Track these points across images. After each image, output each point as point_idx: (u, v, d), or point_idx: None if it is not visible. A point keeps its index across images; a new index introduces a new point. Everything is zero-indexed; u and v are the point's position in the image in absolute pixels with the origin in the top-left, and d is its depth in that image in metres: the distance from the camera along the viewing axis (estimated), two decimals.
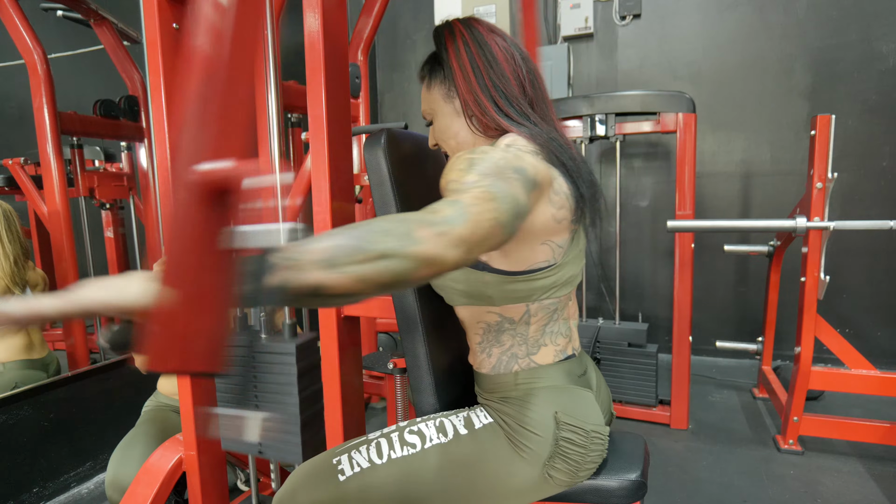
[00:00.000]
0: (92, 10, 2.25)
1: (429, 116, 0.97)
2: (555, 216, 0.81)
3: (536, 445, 0.83)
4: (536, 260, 0.83)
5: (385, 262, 0.54)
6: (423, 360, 0.96)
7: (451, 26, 0.92)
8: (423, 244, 0.56)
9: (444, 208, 0.61)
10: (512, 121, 0.87)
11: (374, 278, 0.54)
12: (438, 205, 0.62)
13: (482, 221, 0.60)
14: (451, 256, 0.58)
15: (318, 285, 0.53)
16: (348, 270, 0.53)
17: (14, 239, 1.81)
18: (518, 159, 0.73)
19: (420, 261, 0.56)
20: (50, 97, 2.02)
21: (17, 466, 1.82)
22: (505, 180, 0.67)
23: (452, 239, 0.58)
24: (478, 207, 0.61)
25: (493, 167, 0.69)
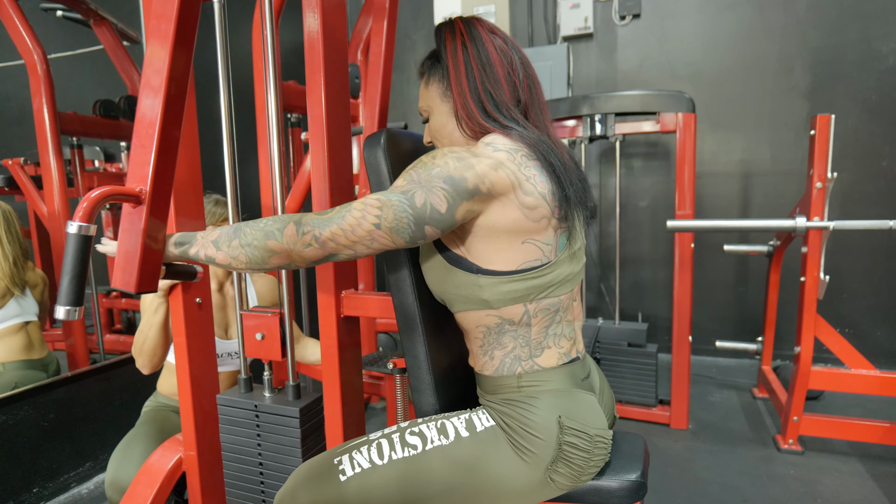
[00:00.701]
0: (91, 10, 2.25)
1: (425, 113, 0.97)
2: (527, 216, 0.82)
3: (539, 449, 0.83)
4: (526, 259, 0.84)
5: (245, 249, 0.83)
6: (423, 360, 0.96)
7: (453, 25, 0.93)
8: (281, 240, 0.81)
9: (335, 209, 0.82)
10: (499, 125, 0.88)
11: (239, 258, 0.84)
12: (339, 206, 0.83)
13: (358, 227, 0.79)
14: (304, 252, 0.81)
15: (208, 256, 0.87)
16: (223, 249, 0.85)
17: (13, 239, 1.81)
18: (463, 169, 0.80)
19: (269, 251, 0.82)
20: (50, 97, 2.02)
21: (16, 467, 1.82)
22: (428, 189, 0.79)
23: (309, 238, 0.80)
24: (358, 213, 0.79)
25: (425, 176, 0.80)
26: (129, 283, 0.88)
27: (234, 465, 1.20)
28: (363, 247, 0.81)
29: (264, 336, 1.15)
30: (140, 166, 0.91)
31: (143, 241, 0.89)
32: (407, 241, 0.81)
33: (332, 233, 0.79)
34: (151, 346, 1.37)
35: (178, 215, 1.14)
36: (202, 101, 1.26)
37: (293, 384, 1.16)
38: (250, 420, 1.16)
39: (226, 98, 1.11)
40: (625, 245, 3.38)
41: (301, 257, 0.82)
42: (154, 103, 0.91)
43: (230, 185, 1.13)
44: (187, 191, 1.16)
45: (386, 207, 0.79)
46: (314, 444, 1.17)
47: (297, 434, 1.11)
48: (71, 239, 0.84)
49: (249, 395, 1.18)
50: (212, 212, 1.53)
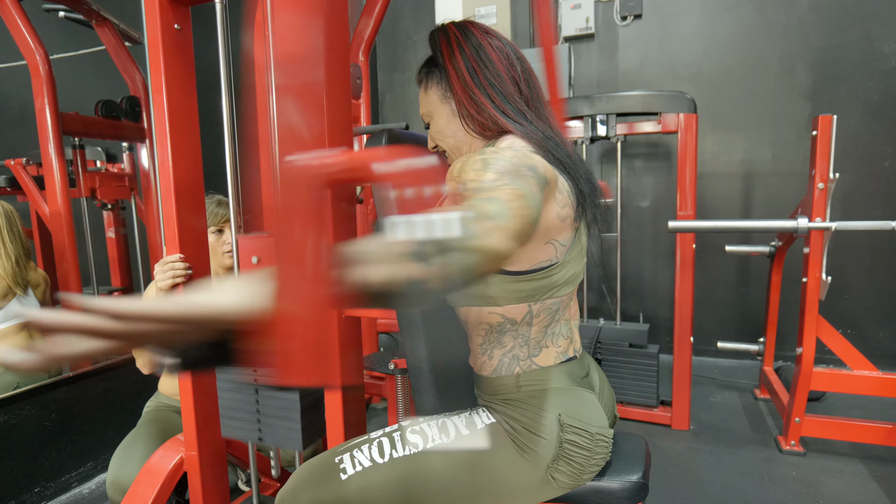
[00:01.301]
0: (93, 10, 2.25)
1: (427, 119, 0.98)
2: (559, 214, 0.81)
3: (540, 448, 0.82)
4: (539, 259, 0.83)
5: (456, 255, 0.51)
6: (423, 360, 0.96)
7: (446, 30, 0.93)
8: (485, 237, 0.54)
9: (483, 205, 0.59)
10: (508, 117, 0.87)
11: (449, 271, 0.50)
12: (475, 202, 0.61)
13: (521, 217, 0.61)
14: (508, 249, 0.57)
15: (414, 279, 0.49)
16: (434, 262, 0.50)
17: (15, 239, 1.81)
18: (528, 157, 0.74)
19: (484, 253, 0.54)
20: (52, 98, 2.02)
21: (18, 466, 1.82)
22: (523, 178, 0.68)
23: (508, 232, 0.57)
24: (514, 203, 0.61)
25: (508, 166, 0.69)
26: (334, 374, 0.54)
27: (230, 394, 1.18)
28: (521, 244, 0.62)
29: (259, 259, 1.12)
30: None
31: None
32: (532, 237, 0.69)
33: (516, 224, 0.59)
34: None
35: (180, 216, 1.14)
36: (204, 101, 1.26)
37: None
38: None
39: (227, 98, 1.11)
40: (626, 246, 3.37)
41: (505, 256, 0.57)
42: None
43: (231, 185, 1.13)
44: (189, 190, 1.16)
45: (524, 197, 0.64)
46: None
47: None
48: None
49: None
50: (214, 213, 1.53)
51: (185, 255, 1.19)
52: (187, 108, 1.17)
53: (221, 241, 1.58)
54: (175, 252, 1.18)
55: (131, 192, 2.63)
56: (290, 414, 1.11)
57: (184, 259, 1.18)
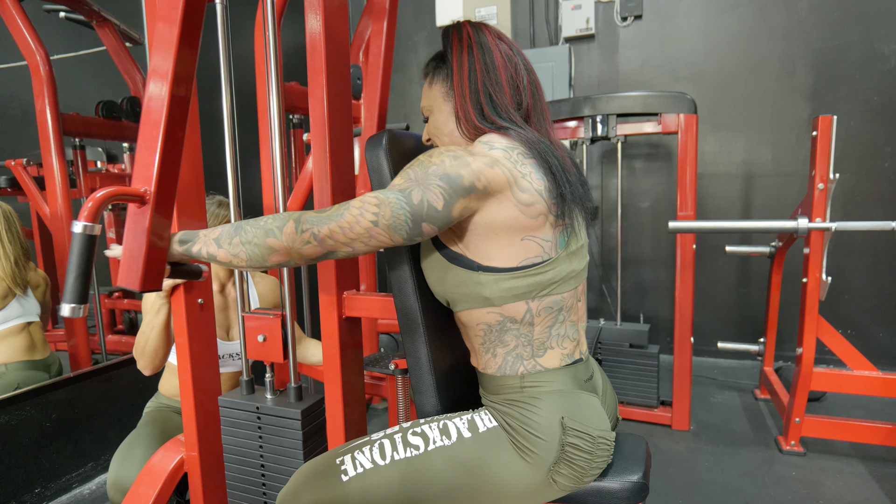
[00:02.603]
0: (94, 11, 2.25)
1: (426, 112, 0.98)
2: (524, 212, 0.83)
3: (542, 450, 0.83)
4: (526, 255, 0.84)
5: (246, 247, 0.84)
6: (424, 360, 0.96)
7: (461, 28, 0.94)
8: (280, 238, 0.82)
9: (332, 208, 0.83)
10: (495, 126, 0.89)
11: (239, 255, 0.85)
12: (337, 204, 0.85)
13: (356, 224, 0.80)
14: (303, 250, 0.82)
15: (210, 253, 0.88)
16: (224, 247, 0.86)
17: (14, 239, 1.81)
18: (459, 167, 0.81)
19: (269, 249, 0.83)
20: (52, 98, 2.02)
21: (19, 467, 1.82)
22: (424, 187, 0.80)
23: (307, 236, 0.81)
24: (356, 211, 0.80)
25: (422, 174, 0.81)
26: (134, 281, 0.89)
27: (236, 466, 1.20)
28: (361, 244, 0.82)
29: (266, 338, 1.15)
30: (145, 167, 0.92)
31: (147, 239, 0.89)
32: (405, 238, 0.82)
33: (330, 230, 0.80)
34: (153, 347, 1.37)
35: (181, 216, 1.14)
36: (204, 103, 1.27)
37: (295, 386, 1.16)
38: (252, 422, 1.16)
39: (228, 99, 1.11)
40: (626, 246, 3.37)
41: (300, 255, 0.83)
42: (159, 104, 0.92)
43: (232, 186, 1.13)
44: (190, 192, 1.16)
45: (383, 205, 0.80)
46: (316, 445, 1.17)
47: (299, 436, 1.11)
48: (76, 238, 0.85)
49: (251, 397, 1.18)
50: (215, 213, 1.53)
51: None
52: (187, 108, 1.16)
53: None
54: None
55: None
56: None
57: None
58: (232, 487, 1.22)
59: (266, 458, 1.16)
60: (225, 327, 1.58)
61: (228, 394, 1.21)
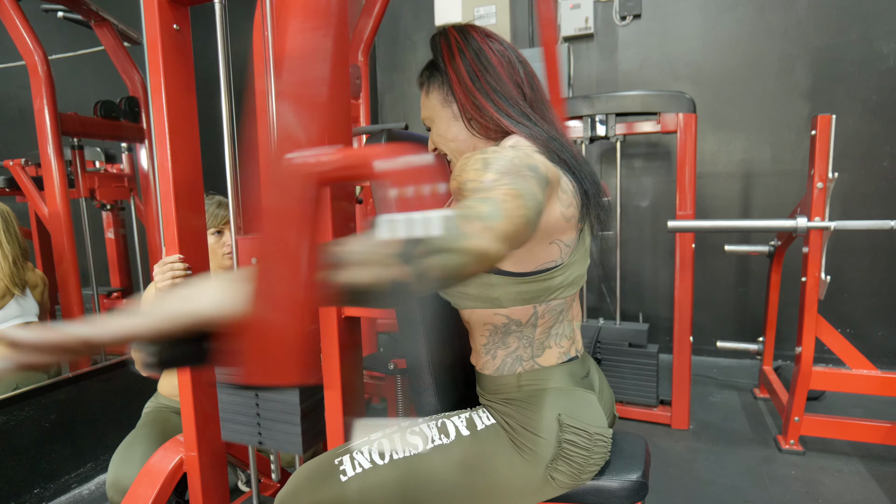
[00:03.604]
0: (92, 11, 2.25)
1: (428, 123, 0.97)
2: (563, 214, 0.81)
3: (539, 447, 0.83)
4: (544, 260, 0.83)
5: (441, 257, 0.52)
6: (423, 360, 0.96)
7: (447, 34, 0.93)
8: (473, 238, 0.55)
9: (477, 205, 0.60)
10: (512, 120, 0.87)
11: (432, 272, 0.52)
12: (470, 202, 0.61)
13: (515, 218, 0.60)
14: (497, 251, 0.57)
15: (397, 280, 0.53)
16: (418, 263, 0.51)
17: (12, 240, 1.81)
18: (529, 157, 0.73)
19: (471, 255, 0.54)
20: (51, 98, 2.02)
21: (18, 467, 1.82)
22: (523, 178, 0.67)
23: (498, 233, 0.57)
24: (509, 204, 0.61)
25: (509, 165, 0.69)
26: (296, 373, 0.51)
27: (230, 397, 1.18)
28: (517, 245, 0.63)
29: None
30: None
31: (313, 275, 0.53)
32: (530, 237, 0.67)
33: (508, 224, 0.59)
34: None
35: (179, 215, 1.14)
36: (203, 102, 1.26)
37: None
38: None
39: (227, 99, 1.11)
40: (626, 245, 3.37)
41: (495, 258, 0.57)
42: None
43: (231, 186, 1.13)
44: (189, 191, 1.16)
45: (522, 196, 0.64)
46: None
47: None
48: None
49: None
50: (214, 214, 1.53)
51: (184, 255, 1.19)
52: (187, 109, 1.16)
53: (221, 243, 1.57)
54: (174, 253, 1.18)
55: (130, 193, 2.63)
56: (291, 418, 1.11)
57: (183, 259, 1.18)
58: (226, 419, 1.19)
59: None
60: None
61: None
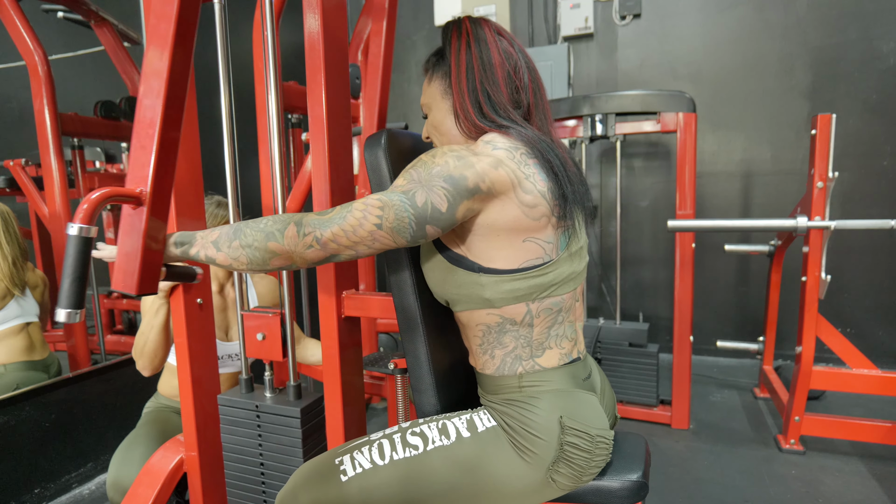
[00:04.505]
0: (92, 11, 2.25)
1: (426, 109, 0.98)
2: (527, 214, 0.82)
3: (540, 449, 0.82)
4: (527, 257, 0.84)
5: (246, 250, 0.83)
6: (424, 360, 0.96)
7: (460, 24, 0.93)
8: (282, 241, 0.80)
9: (335, 210, 0.81)
10: (495, 125, 0.88)
11: (240, 259, 0.83)
12: (339, 206, 0.82)
13: (360, 227, 0.79)
14: (305, 254, 0.81)
15: (209, 256, 0.87)
16: (223, 250, 0.85)
17: (12, 240, 1.81)
18: (462, 167, 0.80)
19: (270, 253, 0.81)
20: (51, 98, 2.02)
21: (18, 467, 1.82)
22: (428, 189, 0.79)
23: (310, 240, 0.80)
24: (360, 213, 0.79)
25: (425, 175, 0.80)
26: (130, 284, 0.88)
27: (236, 465, 1.20)
28: (364, 247, 0.81)
29: (265, 336, 1.15)
30: (140, 167, 0.91)
31: (143, 242, 0.88)
32: (408, 240, 0.81)
33: (333, 234, 0.79)
34: (152, 347, 1.37)
35: (179, 216, 1.14)
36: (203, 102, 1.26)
37: (294, 384, 1.16)
38: (251, 420, 1.16)
39: (226, 98, 1.11)
40: (626, 245, 3.37)
41: (302, 259, 0.82)
42: (154, 104, 0.91)
43: (231, 185, 1.13)
44: (188, 191, 1.16)
45: (387, 207, 0.79)
46: (315, 443, 1.17)
47: (299, 434, 1.11)
48: (71, 241, 0.83)
49: (251, 396, 1.18)
50: (214, 214, 1.52)
51: None
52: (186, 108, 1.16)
53: None
54: None
55: None
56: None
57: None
58: (231, 486, 1.22)
59: (265, 456, 1.16)
60: (224, 328, 1.58)
61: (227, 392, 1.21)
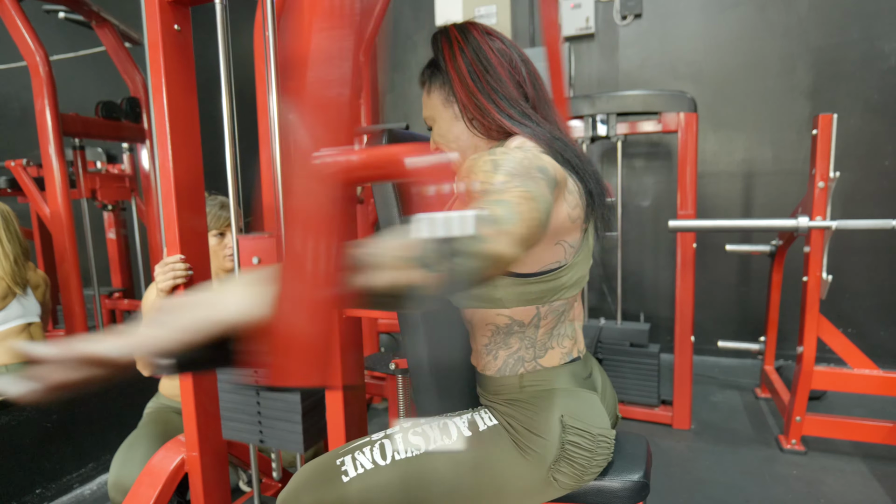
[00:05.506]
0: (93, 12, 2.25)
1: (430, 122, 0.97)
2: (570, 215, 0.80)
3: (542, 449, 0.82)
4: (548, 260, 0.83)
5: (460, 260, 0.53)
6: (424, 360, 0.96)
7: (448, 32, 0.92)
8: (490, 242, 0.55)
9: (493, 208, 0.60)
10: (514, 121, 0.87)
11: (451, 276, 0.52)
12: (485, 204, 0.61)
13: (529, 220, 0.61)
14: (512, 254, 0.58)
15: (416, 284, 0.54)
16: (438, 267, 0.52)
17: (13, 239, 1.81)
18: (538, 159, 0.73)
19: (489, 258, 0.55)
20: (52, 99, 2.02)
21: (19, 468, 1.82)
22: (533, 180, 0.68)
23: (513, 237, 0.58)
24: (523, 206, 0.62)
25: (518, 167, 0.69)
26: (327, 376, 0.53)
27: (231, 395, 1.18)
28: (530, 246, 0.64)
29: (260, 260, 1.13)
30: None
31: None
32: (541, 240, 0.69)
33: (523, 228, 0.60)
34: None
35: (181, 216, 1.14)
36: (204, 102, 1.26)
37: None
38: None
39: (227, 99, 1.11)
40: (627, 245, 3.37)
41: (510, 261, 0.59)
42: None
43: (232, 186, 1.13)
44: (189, 191, 1.16)
45: (535, 199, 0.64)
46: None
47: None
48: None
49: None
50: (217, 215, 1.52)
51: (185, 255, 1.19)
52: (187, 109, 1.17)
53: (223, 245, 1.57)
54: (176, 253, 1.18)
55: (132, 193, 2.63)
56: (292, 416, 1.11)
57: (184, 260, 1.18)
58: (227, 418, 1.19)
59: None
60: None
61: None
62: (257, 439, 1.16)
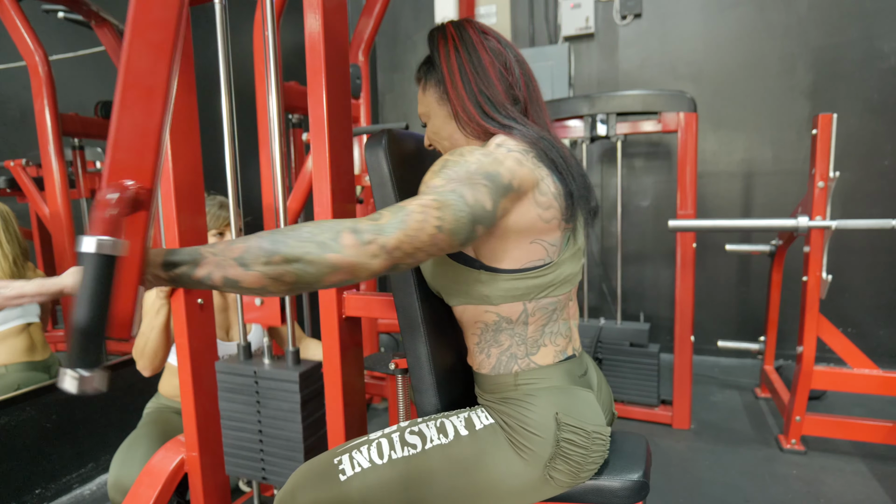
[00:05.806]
0: (93, 11, 2.25)
1: (424, 119, 0.98)
2: (541, 216, 0.82)
3: (537, 446, 0.83)
4: (531, 258, 0.84)
5: (292, 266, 0.64)
6: (424, 360, 0.96)
7: (444, 30, 0.93)
8: (341, 252, 0.65)
9: (386, 214, 0.69)
10: (498, 125, 0.88)
11: (283, 277, 0.65)
12: (387, 210, 0.70)
13: (421, 231, 0.69)
14: (371, 264, 0.67)
15: (230, 278, 0.65)
16: (257, 269, 0.64)
17: (12, 239, 1.81)
18: (495, 164, 0.77)
19: (330, 267, 0.65)
20: (51, 99, 2.02)
21: (19, 468, 1.82)
22: (471, 186, 0.74)
23: (375, 248, 0.67)
24: (420, 216, 0.69)
25: (463, 173, 0.75)
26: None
27: (234, 433, 1.19)
28: (423, 254, 0.71)
29: (263, 301, 1.14)
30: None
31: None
32: (461, 243, 0.74)
33: (398, 240, 0.68)
34: (153, 348, 1.37)
35: (181, 217, 1.14)
36: (203, 102, 1.26)
37: (293, 350, 1.15)
38: (250, 387, 1.15)
39: (227, 99, 1.11)
40: (626, 245, 3.37)
41: (368, 271, 0.68)
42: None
43: (231, 186, 1.13)
44: (189, 191, 1.16)
45: (445, 208, 0.71)
46: (314, 409, 1.16)
47: (297, 399, 1.10)
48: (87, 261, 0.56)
49: (249, 363, 1.17)
50: (216, 215, 1.52)
51: None
52: (187, 109, 1.17)
53: None
54: None
55: None
56: (293, 454, 1.13)
57: None
58: (230, 454, 1.20)
59: (264, 423, 1.15)
60: (224, 328, 1.58)
61: (225, 359, 1.20)
62: (260, 476, 1.18)
